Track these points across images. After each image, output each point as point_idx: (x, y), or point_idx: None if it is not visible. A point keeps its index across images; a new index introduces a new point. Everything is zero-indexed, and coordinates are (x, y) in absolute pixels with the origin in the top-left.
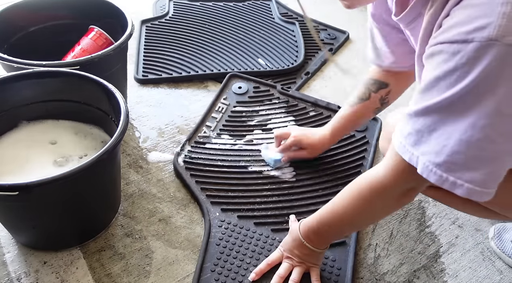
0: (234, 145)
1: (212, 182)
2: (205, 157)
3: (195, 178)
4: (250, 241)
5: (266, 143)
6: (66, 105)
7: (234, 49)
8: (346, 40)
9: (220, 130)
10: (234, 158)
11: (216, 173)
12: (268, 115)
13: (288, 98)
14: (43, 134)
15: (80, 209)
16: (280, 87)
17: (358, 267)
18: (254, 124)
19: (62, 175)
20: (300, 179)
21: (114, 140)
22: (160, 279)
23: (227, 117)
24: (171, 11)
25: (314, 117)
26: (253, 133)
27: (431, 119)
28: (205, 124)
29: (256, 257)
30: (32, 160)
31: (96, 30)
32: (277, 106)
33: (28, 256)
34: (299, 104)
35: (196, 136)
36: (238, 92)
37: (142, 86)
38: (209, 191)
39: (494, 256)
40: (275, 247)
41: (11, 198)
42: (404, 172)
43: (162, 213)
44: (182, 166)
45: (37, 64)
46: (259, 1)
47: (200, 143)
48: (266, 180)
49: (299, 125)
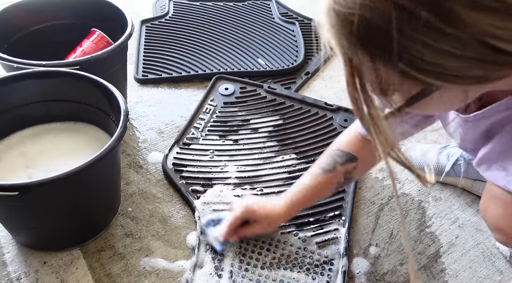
0: (222, 146)
1: (202, 183)
2: (194, 159)
3: (184, 180)
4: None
5: (209, 218)
6: (65, 105)
7: (234, 49)
8: None
9: (208, 131)
10: (222, 158)
11: (205, 174)
12: (255, 115)
13: (275, 96)
14: (43, 134)
15: (80, 209)
16: (267, 86)
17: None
18: (242, 124)
19: (62, 175)
20: (291, 177)
21: (114, 140)
22: (160, 279)
23: (215, 117)
24: (171, 11)
25: (302, 114)
26: (241, 134)
27: None
28: (192, 125)
29: (249, 256)
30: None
31: (97, 33)
32: (264, 105)
33: (28, 256)
34: (286, 102)
35: (184, 137)
36: (224, 94)
37: (142, 86)
38: (200, 193)
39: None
40: (268, 244)
41: (11, 198)
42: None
43: (162, 213)
44: (171, 169)
45: (37, 64)
46: (259, 1)
47: (188, 145)
48: (254, 180)
49: (287, 122)
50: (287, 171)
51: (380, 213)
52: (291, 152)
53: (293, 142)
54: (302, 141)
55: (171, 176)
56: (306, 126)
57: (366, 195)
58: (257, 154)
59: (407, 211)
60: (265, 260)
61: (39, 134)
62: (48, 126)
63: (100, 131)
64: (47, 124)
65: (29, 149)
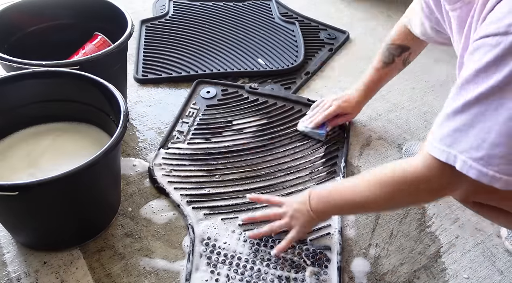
0: (207, 149)
1: (190, 187)
2: (180, 163)
3: (173, 185)
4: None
5: (302, 120)
6: (66, 105)
7: (234, 49)
8: (346, 40)
9: (193, 135)
10: (208, 162)
11: (192, 178)
12: (238, 116)
13: (257, 96)
14: (43, 134)
15: (80, 209)
16: (248, 86)
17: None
18: (226, 126)
19: (62, 175)
20: (282, 175)
21: (114, 140)
22: (160, 279)
23: (198, 120)
24: (171, 11)
25: (286, 112)
26: (225, 135)
27: (469, 115)
28: (176, 129)
29: (245, 259)
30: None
31: (100, 37)
32: (247, 106)
33: (28, 256)
34: (269, 101)
35: (169, 142)
36: (206, 97)
37: (142, 86)
38: (189, 197)
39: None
40: (264, 246)
41: (11, 198)
42: (439, 171)
43: (163, 213)
44: (158, 173)
45: (37, 64)
46: (259, 1)
47: (174, 149)
48: (242, 181)
49: (272, 121)
50: (278, 169)
51: (380, 213)
52: (277, 150)
53: (279, 140)
54: (288, 139)
55: (158, 181)
56: (291, 124)
57: None
58: (243, 155)
59: (407, 211)
60: (260, 259)
61: (39, 134)
62: (48, 126)
63: (100, 131)
64: (47, 124)
65: (30, 149)
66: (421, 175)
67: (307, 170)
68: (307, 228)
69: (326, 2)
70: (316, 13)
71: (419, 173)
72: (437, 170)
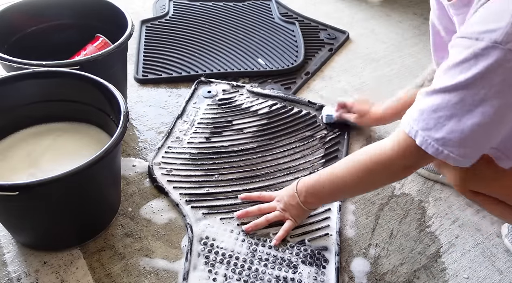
0: (207, 149)
1: (189, 186)
2: (179, 162)
3: (172, 184)
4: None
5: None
6: (66, 105)
7: (234, 49)
8: (346, 40)
9: (193, 134)
10: (209, 161)
11: (192, 177)
12: (238, 116)
13: (257, 96)
14: (43, 134)
15: (80, 209)
16: (249, 86)
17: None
18: (226, 126)
19: (62, 175)
20: (282, 175)
21: (114, 140)
22: (160, 279)
23: (199, 119)
24: (171, 11)
25: (286, 113)
26: (225, 135)
27: (437, 100)
28: (177, 129)
29: (243, 259)
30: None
31: (101, 39)
32: (247, 106)
33: (28, 256)
34: (269, 101)
35: (169, 141)
36: (207, 96)
37: (142, 86)
38: (188, 196)
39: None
40: (261, 245)
41: (11, 198)
42: (407, 146)
43: (163, 213)
44: (158, 172)
45: (37, 64)
46: (259, 1)
47: (173, 148)
48: (241, 181)
49: (272, 121)
50: (278, 169)
51: (380, 213)
52: (277, 150)
53: (279, 140)
54: (287, 139)
55: (158, 180)
56: (291, 124)
57: (366, 195)
58: (243, 155)
59: (407, 211)
60: (259, 258)
61: (40, 134)
62: (49, 126)
63: (100, 131)
64: (48, 124)
65: (30, 149)
66: (389, 145)
67: (306, 171)
68: (301, 217)
69: (326, 2)
70: (316, 13)
71: (388, 145)
72: (404, 141)
